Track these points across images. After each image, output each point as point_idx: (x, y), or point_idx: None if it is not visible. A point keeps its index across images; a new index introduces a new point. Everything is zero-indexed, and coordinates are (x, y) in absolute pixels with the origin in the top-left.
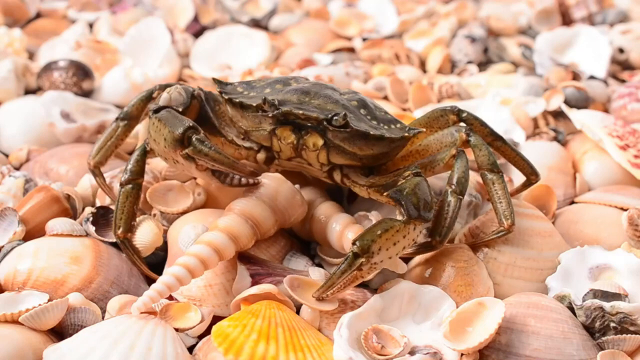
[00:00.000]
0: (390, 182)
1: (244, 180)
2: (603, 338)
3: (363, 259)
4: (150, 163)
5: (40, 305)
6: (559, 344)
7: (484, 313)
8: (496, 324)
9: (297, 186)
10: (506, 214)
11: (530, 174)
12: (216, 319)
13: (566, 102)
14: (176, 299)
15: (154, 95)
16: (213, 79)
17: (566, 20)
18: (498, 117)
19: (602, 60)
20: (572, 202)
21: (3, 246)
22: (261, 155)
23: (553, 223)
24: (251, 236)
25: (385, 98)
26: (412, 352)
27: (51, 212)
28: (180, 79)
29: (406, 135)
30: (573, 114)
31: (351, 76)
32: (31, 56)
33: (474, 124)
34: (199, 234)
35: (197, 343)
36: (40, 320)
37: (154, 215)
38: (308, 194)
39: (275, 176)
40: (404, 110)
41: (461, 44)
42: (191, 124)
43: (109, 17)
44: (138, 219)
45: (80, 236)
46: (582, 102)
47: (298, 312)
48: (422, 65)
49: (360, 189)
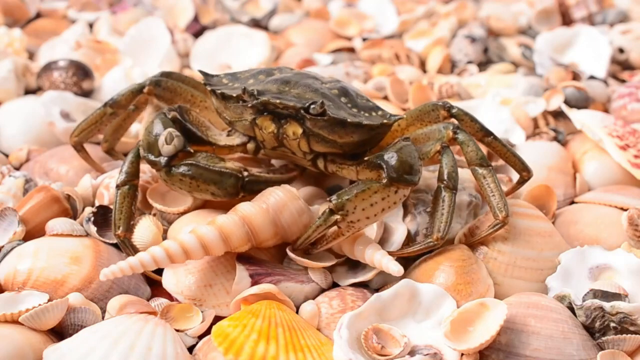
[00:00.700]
0: (385, 150)
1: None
2: (603, 338)
3: (338, 216)
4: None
5: (40, 305)
6: (559, 344)
7: (486, 314)
8: (498, 326)
9: (317, 207)
10: (500, 206)
11: (522, 170)
12: (216, 319)
13: (566, 102)
14: (177, 300)
15: (145, 90)
16: (199, 71)
17: (566, 20)
18: (498, 117)
19: (602, 60)
20: (572, 202)
21: (3, 246)
22: (251, 145)
23: (553, 223)
24: (244, 240)
25: (385, 98)
26: (413, 352)
27: (51, 212)
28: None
29: (385, 122)
30: (573, 114)
31: (351, 76)
32: (31, 56)
33: (464, 120)
34: None
35: (197, 343)
36: (40, 320)
37: (154, 214)
38: (307, 194)
39: (289, 190)
40: (404, 110)
41: (461, 44)
42: (238, 174)
43: (109, 17)
44: (137, 219)
45: (80, 236)
46: (582, 102)
47: (298, 312)
48: (422, 65)
49: (348, 170)
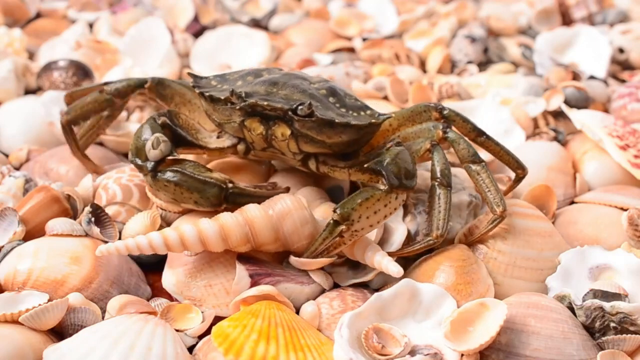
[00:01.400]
0: (371, 158)
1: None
2: (603, 338)
3: (343, 227)
4: None
5: (40, 305)
6: (559, 344)
7: (486, 314)
8: (498, 326)
9: (318, 211)
10: (496, 201)
11: (516, 168)
12: (216, 319)
13: (566, 102)
14: (177, 300)
15: (147, 85)
16: (188, 74)
17: (566, 20)
18: (498, 117)
19: (602, 60)
20: (572, 202)
21: (3, 246)
22: (241, 146)
23: (553, 223)
24: (243, 241)
25: (385, 98)
26: (413, 352)
27: (51, 212)
28: (180, 79)
29: (374, 121)
30: (573, 114)
31: (351, 76)
32: (31, 56)
33: (456, 121)
34: None
35: (197, 343)
36: (40, 320)
37: (161, 215)
38: (307, 195)
39: (297, 200)
40: None
41: (461, 44)
42: (221, 184)
43: (109, 17)
44: (136, 213)
45: (80, 236)
46: (582, 102)
47: (298, 313)
48: (422, 65)
49: (340, 172)
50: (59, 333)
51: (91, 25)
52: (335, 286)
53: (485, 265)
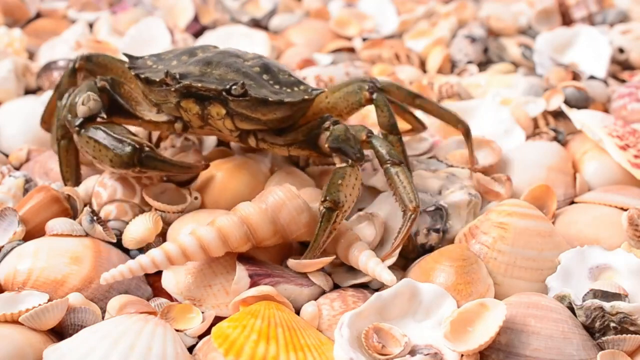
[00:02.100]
0: (311, 136)
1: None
2: (603, 338)
3: (338, 211)
4: None
5: (40, 305)
6: (559, 344)
7: (486, 314)
8: (497, 327)
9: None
10: (410, 197)
11: (457, 123)
12: (216, 319)
13: (566, 102)
14: (176, 300)
15: (77, 65)
16: (124, 54)
17: (566, 20)
18: (498, 117)
19: (602, 60)
20: (572, 202)
21: (3, 246)
22: (178, 124)
23: (553, 223)
24: (243, 240)
25: None
26: (413, 352)
27: (51, 212)
28: None
29: (306, 97)
30: (573, 114)
31: (351, 76)
32: (31, 56)
33: (391, 90)
34: None
35: (197, 343)
36: (40, 320)
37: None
38: (307, 195)
39: (288, 189)
40: None
41: (461, 44)
42: (136, 145)
43: (109, 17)
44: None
45: (80, 236)
46: (582, 102)
47: (298, 314)
48: (422, 65)
49: (280, 149)
50: (59, 333)
51: (91, 25)
52: (335, 287)
53: (485, 265)
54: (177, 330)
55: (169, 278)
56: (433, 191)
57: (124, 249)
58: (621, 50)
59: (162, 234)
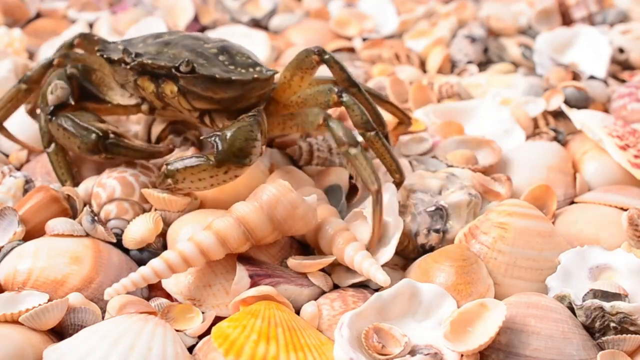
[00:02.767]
0: (227, 126)
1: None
2: (603, 338)
3: (170, 181)
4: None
5: (40, 305)
6: (559, 344)
7: (486, 314)
8: (497, 327)
9: (314, 196)
10: (372, 179)
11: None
12: (216, 319)
13: (566, 102)
14: (176, 300)
15: (54, 63)
16: (101, 40)
17: (566, 20)
18: (498, 117)
19: (602, 60)
20: (572, 202)
21: (3, 246)
22: (145, 106)
23: (553, 223)
24: (242, 241)
25: None
26: (413, 352)
27: (50, 212)
28: None
29: (256, 76)
30: (573, 114)
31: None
32: (31, 56)
33: (334, 67)
34: None
35: (197, 343)
36: (40, 320)
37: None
38: (306, 195)
39: (281, 185)
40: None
41: (461, 44)
42: (100, 132)
43: (109, 17)
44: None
45: (80, 236)
46: (582, 102)
47: (298, 314)
48: (422, 65)
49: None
50: (59, 333)
51: (91, 25)
52: (335, 287)
53: (485, 265)
54: (177, 330)
55: (169, 278)
56: (433, 191)
57: (124, 249)
58: (621, 50)
59: (162, 234)
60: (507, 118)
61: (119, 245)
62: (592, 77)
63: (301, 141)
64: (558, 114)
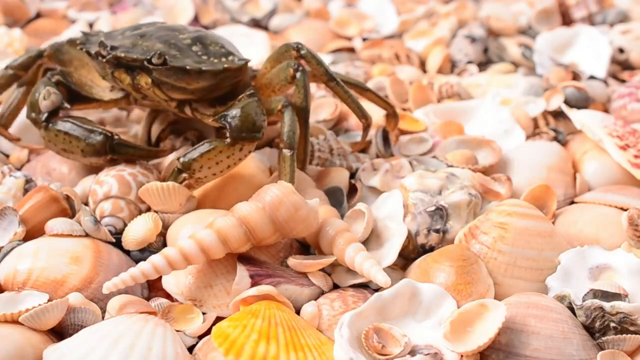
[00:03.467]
0: (229, 107)
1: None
2: (603, 338)
3: (186, 175)
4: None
5: (40, 305)
6: (559, 344)
7: (486, 314)
8: (497, 328)
9: (316, 200)
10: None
11: (361, 117)
12: (216, 319)
13: (566, 102)
14: (177, 300)
15: (45, 54)
16: (81, 32)
17: (566, 20)
18: (498, 117)
19: (602, 60)
20: (572, 202)
21: (3, 246)
22: (129, 98)
23: (553, 223)
24: (243, 241)
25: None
26: (413, 352)
27: (50, 212)
28: None
29: (227, 66)
30: (573, 114)
31: (351, 76)
32: None
33: (312, 62)
34: None
35: (197, 343)
36: (40, 320)
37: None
38: (306, 196)
39: (285, 186)
40: (404, 110)
41: (461, 44)
42: (107, 134)
43: (109, 17)
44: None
45: (80, 236)
46: (582, 102)
47: (298, 314)
48: (422, 65)
49: (207, 119)
50: (59, 333)
51: (91, 25)
52: (335, 287)
53: (485, 265)
54: (177, 330)
55: (169, 278)
56: (433, 191)
57: (124, 249)
58: (621, 50)
59: (162, 234)
60: (507, 118)
61: (119, 245)
62: (592, 77)
63: None
64: (558, 114)
